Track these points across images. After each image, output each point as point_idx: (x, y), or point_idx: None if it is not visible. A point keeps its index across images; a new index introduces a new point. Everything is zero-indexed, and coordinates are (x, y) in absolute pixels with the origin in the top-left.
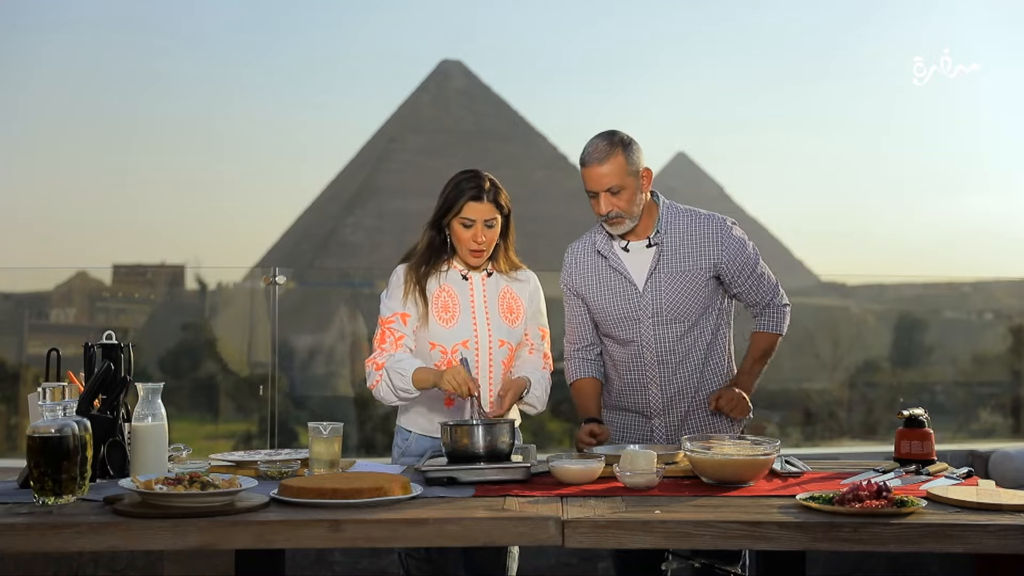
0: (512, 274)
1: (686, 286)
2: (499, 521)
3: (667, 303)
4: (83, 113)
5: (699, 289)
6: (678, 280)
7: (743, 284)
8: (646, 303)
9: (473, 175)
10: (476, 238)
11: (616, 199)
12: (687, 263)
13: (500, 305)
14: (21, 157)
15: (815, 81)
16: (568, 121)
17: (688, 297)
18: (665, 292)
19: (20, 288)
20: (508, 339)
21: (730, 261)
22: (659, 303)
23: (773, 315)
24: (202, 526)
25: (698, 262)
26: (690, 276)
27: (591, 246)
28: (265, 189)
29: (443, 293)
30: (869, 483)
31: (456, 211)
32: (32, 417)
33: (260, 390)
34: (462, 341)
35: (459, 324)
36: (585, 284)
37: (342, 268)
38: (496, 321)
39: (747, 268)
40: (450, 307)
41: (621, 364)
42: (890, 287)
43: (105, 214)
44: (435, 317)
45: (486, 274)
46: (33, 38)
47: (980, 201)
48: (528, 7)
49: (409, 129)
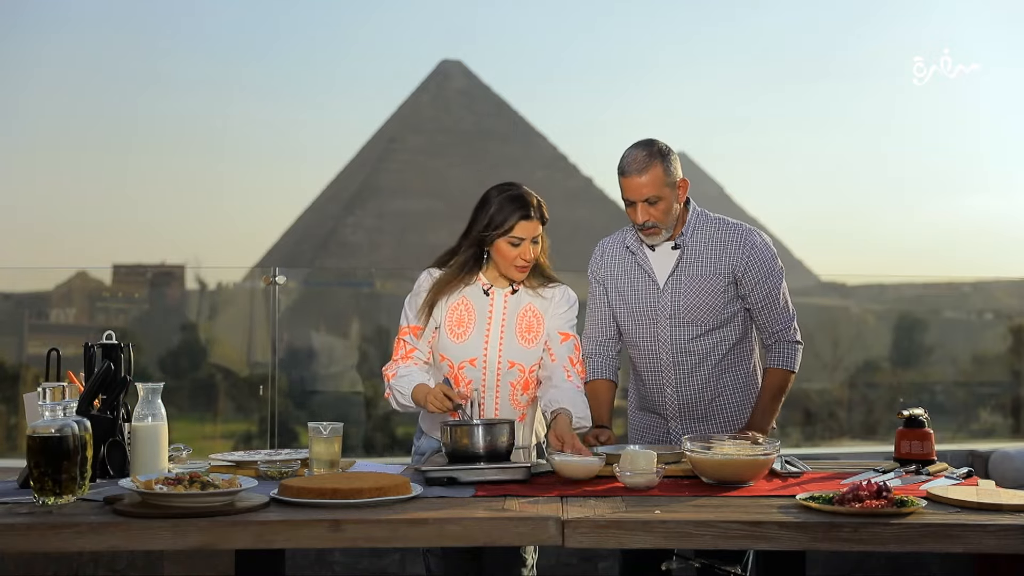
0: (539, 290)
1: (704, 289)
2: (499, 521)
3: (684, 304)
4: (83, 113)
5: (717, 294)
6: (697, 283)
7: (758, 297)
8: (664, 302)
9: (520, 195)
10: (524, 256)
11: (653, 209)
12: (707, 267)
13: (519, 324)
14: (21, 157)
15: (815, 81)
16: (568, 121)
17: (705, 301)
18: (683, 293)
19: (20, 288)
20: (520, 360)
21: (748, 268)
22: (677, 303)
23: (785, 350)
24: (202, 526)
25: (717, 266)
26: (709, 280)
27: (622, 242)
28: (265, 189)
29: (460, 306)
30: (869, 483)
31: (506, 230)
32: (29, 417)
33: (260, 390)
34: (469, 359)
35: (470, 341)
36: (611, 276)
37: (342, 268)
38: (510, 341)
39: (765, 280)
40: (464, 322)
41: (640, 365)
42: (890, 287)
43: (105, 214)
44: (447, 331)
45: (511, 290)
46: (33, 38)
47: (980, 201)
48: (528, 7)
49: (409, 129)
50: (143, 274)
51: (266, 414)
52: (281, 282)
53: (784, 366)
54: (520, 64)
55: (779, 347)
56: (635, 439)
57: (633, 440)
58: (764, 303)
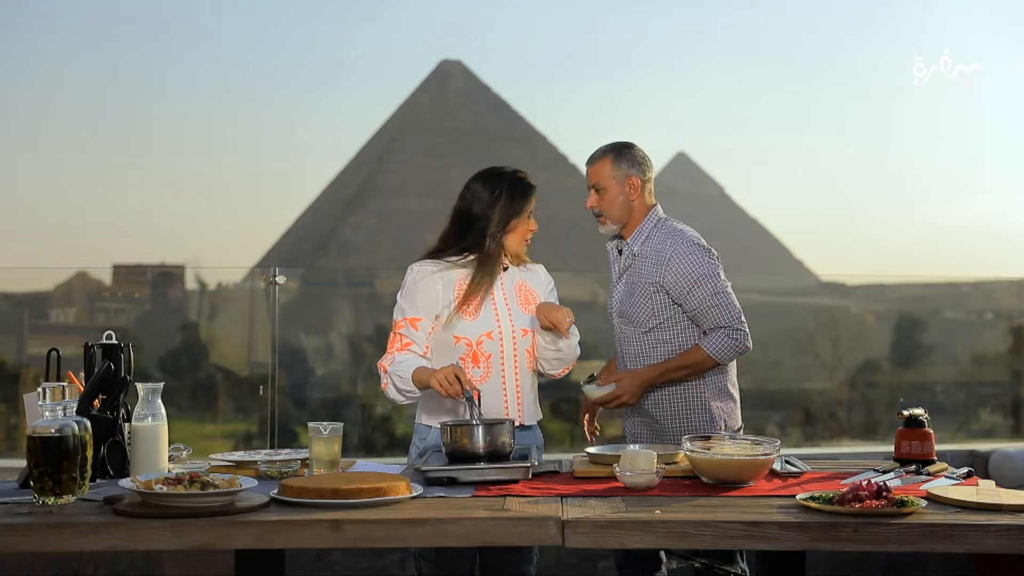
0: (524, 266)
1: (637, 294)
2: (499, 521)
3: (625, 305)
4: (83, 113)
5: (647, 299)
6: (632, 287)
7: (693, 305)
8: (614, 302)
9: (514, 176)
10: (531, 227)
11: (599, 197)
12: (641, 274)
13: (519, 296)
14: (21, 157)
15: (815, 81)
16: (568, 121)
17: (638, 304)
18: (624, 295)
19: (20, 288)
20: (530, 328)
21: (674, 282)
22: (620, 304)
23: (718, 337)
24: (202, 526)
25: (647, 276)
26: (640, 286)
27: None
28: (265, 189)
29: (464, 288)
30: (869, 483)
31: (527, 209)
32: (29, 417)
33: (260, 390)
34: (486, 332)
35: (482, 316)
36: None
37: (342, 268)
38: (516, 311)
39: (693, 289)
40: (472, 301)
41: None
42: (890, 287)
43: (105, 214)
44: (460, 312)
45: (502, 268)
46: (33, 38)
47: (980, 201)
48: (528, 7)
49: (409, 129)
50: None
51: (266, 414)
52: (281, 282)
53: (708, 349)
54: (520, 64)
55: (715, 333)
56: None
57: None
58: (699, 308)
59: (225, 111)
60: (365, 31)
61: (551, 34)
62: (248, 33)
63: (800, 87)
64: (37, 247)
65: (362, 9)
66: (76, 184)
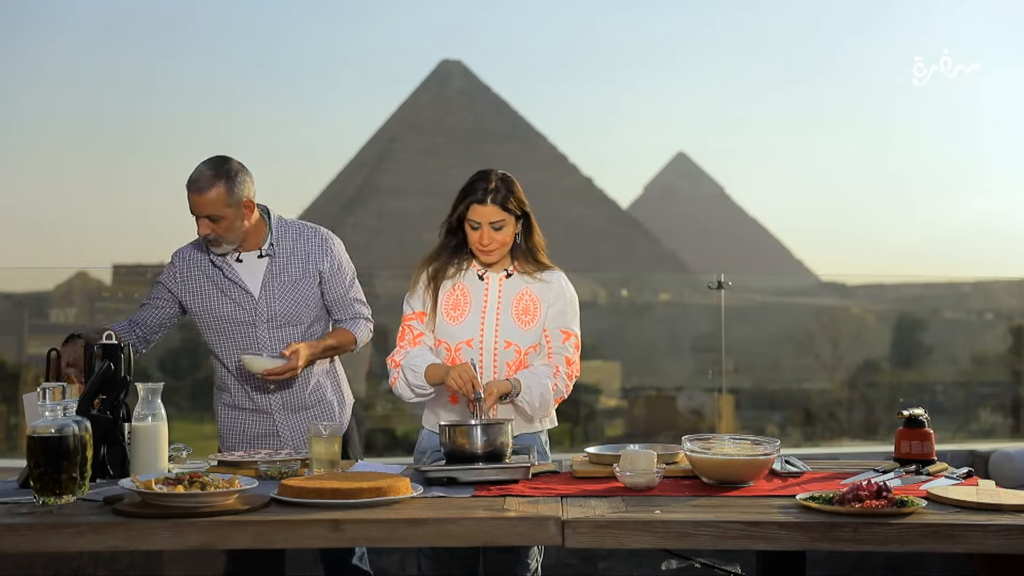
0: (537, 275)
1: (299, 292)
2: (499, 521)
3: (280, 309)
4: (83, 113)
5: (310, 295)
6: (290, 287)
7: (333, 293)
8: (261, 309)
9: (481, 176)
10: (481, 240)
11: (216, 226)
12: (298, 271)
13: (515, 306)
14: (21, 157)
15: (815, 81)
16: (568, 121)
17: (301, 302)
18: (279, 299)
19: (20, 288)
20: (517, 341)
21: (330, 270)
22: (273, 309)
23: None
24: (202, 526)
25: (307, 269)
26: (302, 283)
27: (205, 256)
28: (265, 189)
29: (456, 291)
30: (869, 483)
31: (460, 213)
32: (29, 417)
33: None
34: (466, 340)
35: (466, 323)
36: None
37: None
38: (506, 322)
39: (343, 281)
40: (461, 305)
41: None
42: (890, 287)
43: (105, 214)
44: (443, 315)
45: (505, 275)
46: (34, 38)
47: (980, 201)
48: (528, 7)
49: (409, 129)
50: (143, 274)
51: None
52: None
53: (355, 332)
54: (520, 64)
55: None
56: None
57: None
58: (341, 298)
59: (225, 111)
60: (365, 31)
61: (551, 34)
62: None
63: (800, 87)
64: (37, 247)
65: (362, 9)
66: (76, 184)
